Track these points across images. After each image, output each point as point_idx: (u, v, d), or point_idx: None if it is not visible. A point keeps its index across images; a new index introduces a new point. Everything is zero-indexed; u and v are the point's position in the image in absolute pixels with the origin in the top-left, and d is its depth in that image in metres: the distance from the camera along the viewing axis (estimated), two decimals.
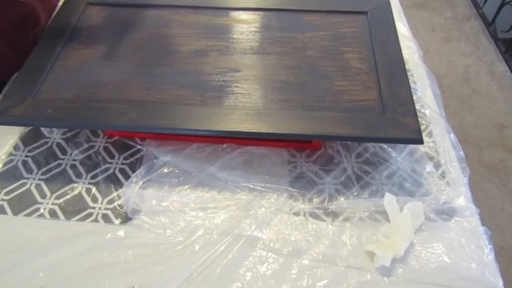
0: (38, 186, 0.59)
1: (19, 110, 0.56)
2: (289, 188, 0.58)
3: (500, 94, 1.71)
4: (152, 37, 0.67)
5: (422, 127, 0.64)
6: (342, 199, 0.57)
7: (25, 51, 0.64)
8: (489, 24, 1.94)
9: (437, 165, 0.61)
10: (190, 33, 0.68)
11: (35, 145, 0.64)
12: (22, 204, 0.57)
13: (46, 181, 0.59)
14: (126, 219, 0.55)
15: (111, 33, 0.68)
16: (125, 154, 0.63)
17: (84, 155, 0.63)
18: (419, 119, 0.55)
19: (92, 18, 0.70)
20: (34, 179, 0.60)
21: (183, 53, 0.64)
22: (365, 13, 0.70)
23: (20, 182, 0.59)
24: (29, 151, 0.63)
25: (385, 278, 0.50)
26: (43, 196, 0.58)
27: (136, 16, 0.71)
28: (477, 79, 1.77)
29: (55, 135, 0.65)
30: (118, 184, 0.59)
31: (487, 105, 1.67)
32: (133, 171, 0.60)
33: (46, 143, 0.64)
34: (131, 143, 0.64)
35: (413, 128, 0.53)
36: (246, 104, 0.57)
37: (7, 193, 0.58)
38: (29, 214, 0.56)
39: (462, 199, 0.57)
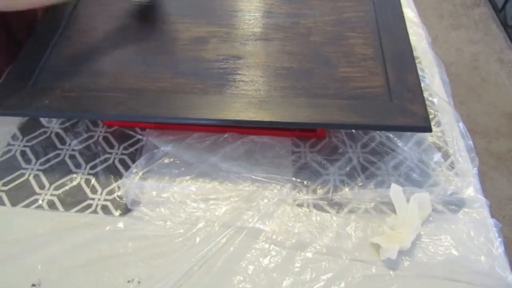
0: (36, 177, 0.58)
1: (15, 100, 0.55)
2: (293, 179, 0.57)
3: (509, 82, 1.67)
4: (150, 24, 0.65)
5: (430, 116, 0.62)
6: (347, 190, 0.56)
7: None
8: (499, 11, 1.89)
9: (446, 155, 0.59)
10: (190, 19, 0.65)
11: (34, 134, 0.63)
12: (20, 195, 0.56)
13: (44, 171, 0.58)
14: (125, 210, 0.54)
15: (108, 20, 0.66)
16: (125, 144, 0.61)
17: (83, 145, 0.61)
18: (427, 108, 0.52)
19: (89, 6, 0.68)
20: (32, 169, 0.59)
21: (183, 40, 0.62)
22: None
23: (19, 172, 0.58)
24: (27, 141, 0.62)
25: (391, 272, 0.48)
26: (42, 187, 0.57)
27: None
28: (486, 67, 1.73)
29: (53, 125, 0.64)
30: (118, 175, 0.58)
31: (495, 94, 1.63)
32: (133, 162, 0.59)
33: (45, 132, 0.63)
34: (131, 133, 0.63)
35: (421, 116, 0.51)
36: (248, 92, 0.55)
37: (5, 184, 0.57)
38: (27, 205, 0.55)
39: (471, 190, 0.55)
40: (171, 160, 0.59)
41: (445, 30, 1.90)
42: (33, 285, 0.48)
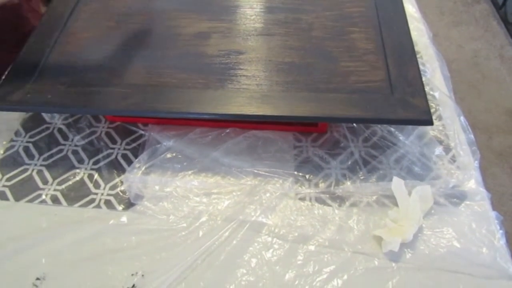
0: (39, 172, 0.58)
1: (18, 96, 0.55)
2: (295, 173, 0.57)
3: (510, 79, 1.67)
4: (152, 20, 0.66)
5: (432, 110, 0.62)
6: (349, 183, 0.56)
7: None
8: (500, 7, 1.89)
9: (447, 149, 0.59)
10: (192, 15, 0.66)
11: (37, 130, 0.63)
12: (23, 190, 0.56)
13: (47, 167, 0.59)
14: (129, 205, 0.54)
15: (110, 16, 0.66)
16: (128, 140, 0.62)
17: (86, 140, 0.62)
18: (428, 101, 0.53)
19: (91, 1, 0.69)
20: (35, 165, 0.59)
21: (185, 35, 0.63)
22: None
23: (22, 168, 0.59)
24: (30, 136, 0.62)
25: (393, 264, 0.49)
26: (45, 182, 0.57)
27: None
28: (486, 64, 1.73)
29: (56, 121, 0.64)
30: (121, 170, 0.58)
31: (496, 90, 1.63)
32: (136, 157, 0.59)
33: (48, 128, 0.63)
34: (133, 128, 0.63)
35: (423, 109, 0.51)
36: (250, 86, 0.55)
37: (8, 179, 0.57)
38: (31, 200, 0.55)
39: (473, 183, 0.55)
40: (174, 155, 0.59)
41: (445, 27, 1.90)
42: (37, 278, 0.48)
